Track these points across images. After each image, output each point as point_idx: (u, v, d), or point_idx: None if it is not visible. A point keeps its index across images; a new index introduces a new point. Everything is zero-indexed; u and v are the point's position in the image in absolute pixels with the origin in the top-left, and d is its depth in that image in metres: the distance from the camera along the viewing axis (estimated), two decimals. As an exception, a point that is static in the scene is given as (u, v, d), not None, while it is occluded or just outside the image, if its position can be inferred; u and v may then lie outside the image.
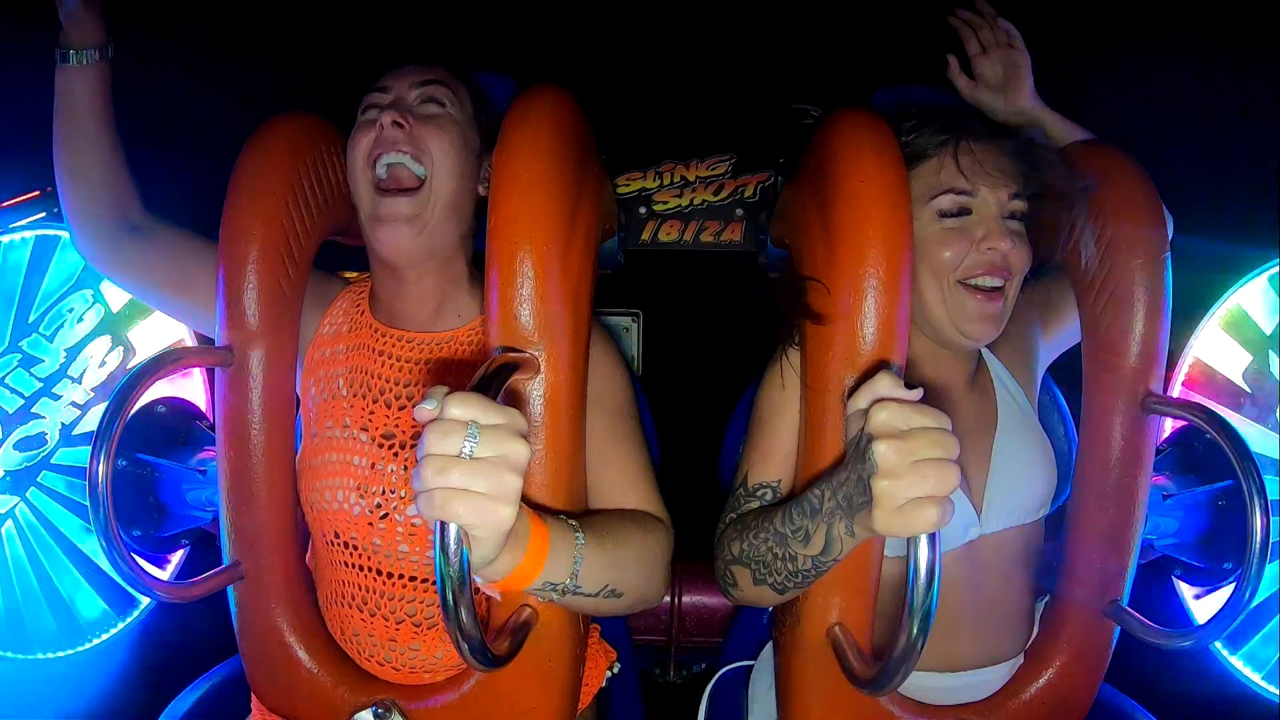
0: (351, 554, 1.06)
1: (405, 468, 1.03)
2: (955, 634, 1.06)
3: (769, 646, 1.27)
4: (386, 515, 1.03)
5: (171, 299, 1.15)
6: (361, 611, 1.06)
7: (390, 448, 1.04)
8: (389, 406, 1.06)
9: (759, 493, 1.04)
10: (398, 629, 1.05)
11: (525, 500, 0.72)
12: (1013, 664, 1.11)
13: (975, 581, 1.07)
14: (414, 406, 0.67)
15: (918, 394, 0.73)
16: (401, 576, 1.05)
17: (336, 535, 1.06)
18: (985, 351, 1.17)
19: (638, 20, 1.95)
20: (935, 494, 0.69)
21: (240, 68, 1.86)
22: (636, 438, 1.06)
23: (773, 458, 1.05)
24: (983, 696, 1.10)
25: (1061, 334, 1.23)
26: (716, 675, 1.32)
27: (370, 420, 1.06)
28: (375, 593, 1.05)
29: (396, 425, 1.05)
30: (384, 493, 1.03)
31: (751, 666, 1.30)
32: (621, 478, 1.03)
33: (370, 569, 1.05)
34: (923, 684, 1.06)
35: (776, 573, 0.92)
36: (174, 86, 1.78)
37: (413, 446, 1.03)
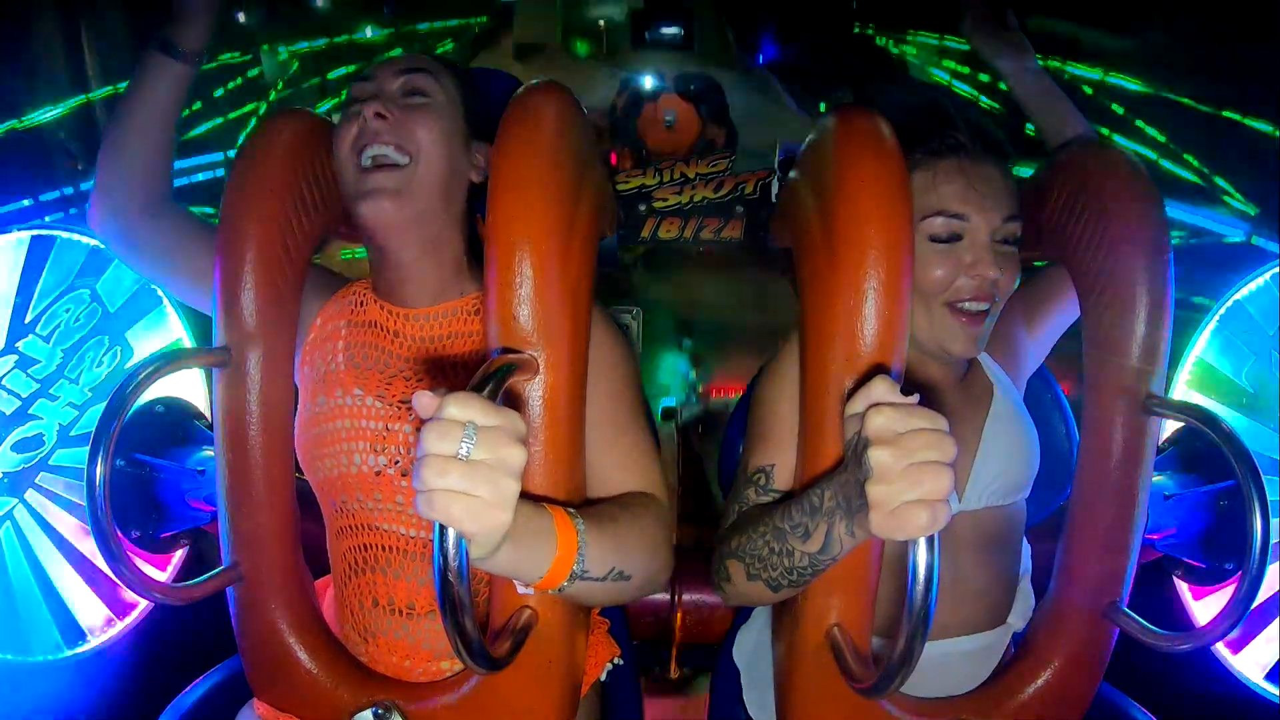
0: (369, 515, 1.07)
1: (418, 430, 1.03)
2: None
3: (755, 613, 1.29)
4: (408, 473, 1.03)
5: (183, 284, 1.18)
6: (385, 574, 1.07)
7: (408, 409, 1.05)
8: (408, 380, 1.08)
9: (755, 477, 1.05)
10: (419, 592, 1.06)
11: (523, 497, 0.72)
12: (992, 635, 1.13)
13: (950, 555, 1.08)
14: (415, 396, 0.68)
15: (914, 399, 0.72)
16: (423, 535, 1.05)
17: (344, 500, 1.07)
18: None
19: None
20: (929, 497, 0.68)
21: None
22: (636, 413, 1.07)
23: (768, 441, 1.05)
24: (963, 665, 1.11)
25: (1047, 329, 1.24)
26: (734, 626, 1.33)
27: (387, 389, 1.07)
28: (399, 552, 1.06)
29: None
30: (400, 450, 1.04)
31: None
32: (620, 455, 1.03)
33: (392, 529, 1.06)
34: None
35: (771, 568, 0.92)
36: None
37: None
